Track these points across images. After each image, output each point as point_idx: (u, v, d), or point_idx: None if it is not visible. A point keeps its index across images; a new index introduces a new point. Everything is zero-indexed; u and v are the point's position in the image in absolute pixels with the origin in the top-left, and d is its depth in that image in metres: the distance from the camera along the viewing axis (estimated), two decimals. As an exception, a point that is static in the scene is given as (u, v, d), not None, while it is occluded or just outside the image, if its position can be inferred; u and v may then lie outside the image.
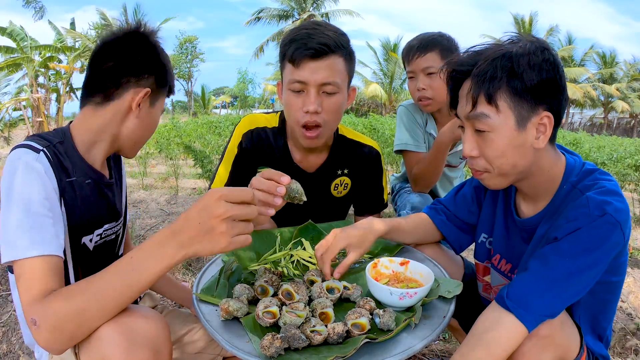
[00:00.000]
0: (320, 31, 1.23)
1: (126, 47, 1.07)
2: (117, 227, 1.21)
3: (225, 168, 1.42)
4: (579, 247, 0.89)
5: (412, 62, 1.87)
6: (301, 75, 1.23)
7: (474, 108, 0.95)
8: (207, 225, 0.75)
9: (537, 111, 0.92)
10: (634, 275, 2.73)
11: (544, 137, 0.94)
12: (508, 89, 0.91)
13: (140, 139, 1.15)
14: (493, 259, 1.21)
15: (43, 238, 0.85)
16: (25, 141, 0.97)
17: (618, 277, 1.01)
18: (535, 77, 0.90)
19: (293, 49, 1.22)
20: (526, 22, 29.34)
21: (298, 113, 1.27)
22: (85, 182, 1.05)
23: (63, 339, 0.76)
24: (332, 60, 1.23)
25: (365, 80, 28.92)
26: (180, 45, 40.17)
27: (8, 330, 1.92)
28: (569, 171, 1.01)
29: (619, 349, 1.91)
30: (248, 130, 1.43)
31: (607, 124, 34.05)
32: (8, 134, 12.43)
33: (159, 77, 1.12)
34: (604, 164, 5.31)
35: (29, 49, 14.35)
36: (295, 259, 1.16)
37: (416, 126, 1.98)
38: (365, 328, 0.85)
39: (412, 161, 1.94)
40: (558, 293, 0.89)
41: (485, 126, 0.94)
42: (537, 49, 0.92)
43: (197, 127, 11.28)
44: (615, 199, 0.90)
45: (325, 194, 1.49)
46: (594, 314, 1.04)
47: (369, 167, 1.53)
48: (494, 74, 0.91)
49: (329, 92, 1.25)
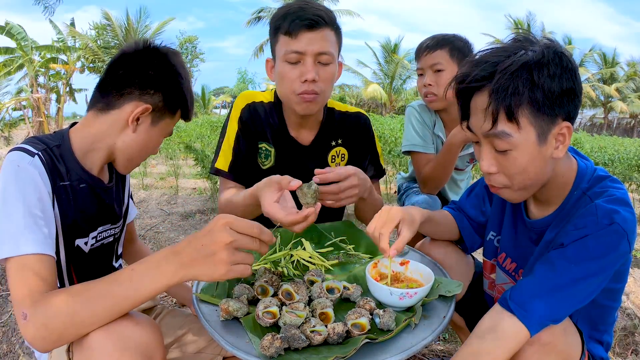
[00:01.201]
0: (312, 5, 1.29)
1: (140, 59, 1.06)
2: (114, 229, 1.21)
3: (228, 144, 1.45)
4: (585, 254, 0.88)
5: (422, 58, 1.90)
6: (298, 46, 1.26)
7: (494, 126, 0.89)
8: (209, 249, 0.76)
9: (556, 122, 0.89)
10: (634, 275, 2.72)
11: (562, 147, 0.92)
12: (530, 104, 0.86)
13: (135, 156, 1.12)
14: (499, 257, 1.21)
15: (36, 238, 0.86)
16: (22, 144, 0.98)
17: (619, 284, 1.01)
18: (556, 88, 0.86)
19: (289, 22, 1.26)
20: (524, 23, 29.30)
21: (295, 83, 1.30)
22: (80, 186, 1.05)
23: (50, 338, 0.77)
24: (326, 32, 1.29)
25: (365, 80, 28.92)
26: (180, 45, 40.13)
27: (8, 330, 1.92)
28: (581, 177, 0.99)
29: (619, 349, 1.91)
30: (246, 105, 1.47)
31: (607, 124, 34.04)
32: (8, 133, 12.44)
33: (168, 97, 1.08)
34: (605, 164, 5.31)
35: (29, 49, 14.36)
36: (295, 259, 1.16)
37: (425, 127, 1.98)
38: (365, 328, 0.85)
39: (421, 162, 1.95)
40: (563, 298, 0.88)
41: (506, 145, 0.89)
42: (555, 56, 0.87)
43: (197, 127, 11.28)
44: (623, 209, 0.89)
45: (323, 166, 1.50)
46: (594, 320, 1.03)
47: (361, 132, 1.57)
48: (516, 89, 0.85)
49: (324, 63, 1.30)
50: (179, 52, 1.12)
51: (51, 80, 15.12)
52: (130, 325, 0.79)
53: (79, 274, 1.10)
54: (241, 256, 0.78)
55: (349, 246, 1.25)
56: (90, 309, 0.76)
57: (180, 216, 3.94)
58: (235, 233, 0.77)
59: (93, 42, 19.05)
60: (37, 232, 0.87)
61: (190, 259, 0.77)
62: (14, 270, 0.83)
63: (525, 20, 29.34)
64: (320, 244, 1.25)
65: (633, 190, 4.96)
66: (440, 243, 1.30)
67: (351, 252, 1.23)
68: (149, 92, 1.05)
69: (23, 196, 0.88)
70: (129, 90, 1.04)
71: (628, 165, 5.07)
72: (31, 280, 0.81)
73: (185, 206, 4.31)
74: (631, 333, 2.03)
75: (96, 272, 0.83)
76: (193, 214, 4.01)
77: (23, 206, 0.87)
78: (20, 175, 0.90)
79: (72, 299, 0.77)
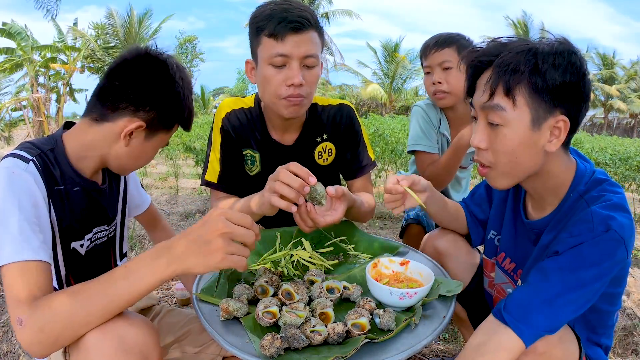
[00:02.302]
0: (295, 6, 1.25)
1: (139, 69, 1.02)
2: (108, 230, 1.21)
3: (215, 156, 1.44)
4: (580, 261, 0.86)
5: (429, 56, 1.90)
6: (284, 49, 1.22)
7: (490, 98, 0.92)
8: (204, 238, 0.77)
9: (554, 113, 0.90)
10: (634, 275, 2.72)
11: (556, 142, 0.92)
12: (529, 84, 0.88)
13: (128, 167, 1.11)
14: (498, 256, 1.22)
15: (31, 244, 0.86)
16: (16, 150, 0.98)
17: (618, 288, 1.00)
18: (558, 78, 0.87)
19: (274, 24, 1.22)
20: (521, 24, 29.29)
21: (280, 87, 1.26)
22: (74, 189, 1.05)
23: (47, 342, 0.77)
24: (311, 34, 1.25)
25: (364, 80, 28.93)
26: (180, 45, 40.16)
27: (8, 330, 1.92)
28: (579, 179, 0.98)
29: (619, 349, 1.91)
30: (226, 114, 1.45)
31: (607, 124, 34.03)
32: (8, 133, 12.44)
33: (163, 115, 1.05)
34: (606, 164, 5.31)
35: (29, 49, 14.36)
36: (295, 259, 1.16)
37: (431, 127, 1.99)
38: (365, 328, 0.85)
39: (425, 162, 1.96)
40: (558, 309, 0.86)
41: (499, 119, 0.91)
42: (565, 51, 0.88)
43: (197, 127, 11.28)
44: (620, 215, 0.87)
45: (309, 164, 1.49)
46: (592, 324, 1.02)
47: (346, 124, 1.53)
48: (517, 67, 0.88)
49: (310, 66, 1.27)
50: (181, 65, 1.08)
51: (51, 80, 15.12)
52: (126, 325, 0.79)
53: (76, 277, 1.10)
54: (236, 247, 0.79)
55: (349, 246, 1.25)
56: (85, 309, 0.76)
57: (180, 216, 3.94)
58: (231, 224, 0.78)
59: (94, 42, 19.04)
60: (33, 239, 0.87)
61: (184, 250, 0.78)
62: (10, 277, 0.83)
63: (523, 20, 29.34)
64: (320, 244, 1.25)
65: (633, 191, 4.96)
66: (448, 233, 1.33)
67: (351, 252, 1.23)
68: (144, 109, 1.02)
69: (18, 203, 0.88)
70: (123, 105, 1.01)
71: (629, 166, 5.07)
72: (27, 287, 0.82)
73: (185, 206, 4.31)
74: (631, 333, 2.03)
75: (95, 274, 0.83)
76: (193, 214, 4.01)
77: (18, 213, 0.87)
78: (15, 182, 0.90)
79: (67, 300, 0.77)
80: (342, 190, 1.13)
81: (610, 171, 5.00)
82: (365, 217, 1.41)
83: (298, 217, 1.12)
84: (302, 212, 1.10)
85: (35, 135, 13.08)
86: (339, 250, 1.23)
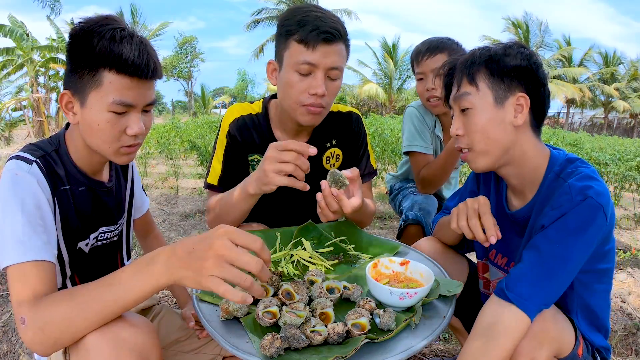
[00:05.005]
0: (328, 16, 1.25)
1: (68, 49, 0.97)
2: (116, 230, 1.21)
3: (218, 160, 1.44)
4: (566, 231, 0.93)
5: (422, 63, 1.92)
6: (313, 58, 1.22)
7: (458, 90, 1.08)
8: (199, 254, 0.71)
9: (513, 92, 1.03)
10: (634, 275, 2.72)
11: (521, 116, 1.03)
12: (486, 71, 1.04)
13: (100, 145, 1.00)
14: (490, 254, 1.25)
15: (34, 245, 0.87)
16: (20, 152, 0.98)
17: (607, 264, 1.05)
18: (510, 62, 1.03)
19: (307, 31, 1.21)
20: (523, 25, 29.29)
21: (303, 95, 1.26)
22: (79, 189, 1.05)
23: (47, 342, 0.77)
24: (340, 46, 1.26)
25: (364, 79, 28.95)
26: (180, 45, 40.18)
27: (8, 330, 1.92)
28: (553, 162, 1.07)
29: (619, 349, 1.91)
30: (234, 119, 1.45)
31: (608, 124, 34.03)
32: (9, 133, 12.43)
33: (74, 67, 0.95)
34: (606, 164, 5.30)
35: (29, 49, 14.36)
36: (295, 259, 1.16)
37: (425, 128, 2.00)
38: (365, 328, 0.85)
39: (420, 163, 1.97)
40: (554, 279, 0.93)
41: (467, 103, 1.06)
42: (515, 45, 1.06)
43: (197, 127, 11.29)
44: (595, 183, 0.95)
45: (318, 169, 1.50)
46: (589, 306, 1.07)
47: (355, 131, 1.55)
48: (474, 59, 1.06)
49: (333, 78, 1.28)
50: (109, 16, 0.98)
51: (51, 80, 15.12)
52: (126, 326, 0.79)
53: (81, 277, 1.10)
54: (234, 274, 0.70)
55: (349, 246, 1.25)
56: (82, 314, 0.76)
57: (180, 216, 3.94)
58: (233, 246, 0.71)
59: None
60: (36, 240, 0.87)
61: (179, 260, 0.73)
62: (14, 278, 0.84)
63: (523, 20, 29.35)
64: (320, 244, 1.25)
65: (633, 191, 4.95)
66: (434, 242, 1.34)
67: (351, 252, 1.23)
68: (71, 78, 0.96)
69: (22, 204, 0.89)
70: (67, 87, 0.98)
71: (629, 166, 5.07)
72: (30, 287, 0.82)
73: (185, 206, 4.31)
74: (631, 333, 2.03)
75: (99, 273, 0.83)
76: (193, 214, 4.01)
77: (22, 214, 0.88)
78: (19, 184, 0.91)
79: (65, 303, 0.77)
80: (357, 171, 1.15)
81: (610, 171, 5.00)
82: (367, 220, 1.42)
83: (323, 203, 1.13)
84: (328, 195, 1.11)
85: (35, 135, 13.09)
86: (339, 250, 1.23)
